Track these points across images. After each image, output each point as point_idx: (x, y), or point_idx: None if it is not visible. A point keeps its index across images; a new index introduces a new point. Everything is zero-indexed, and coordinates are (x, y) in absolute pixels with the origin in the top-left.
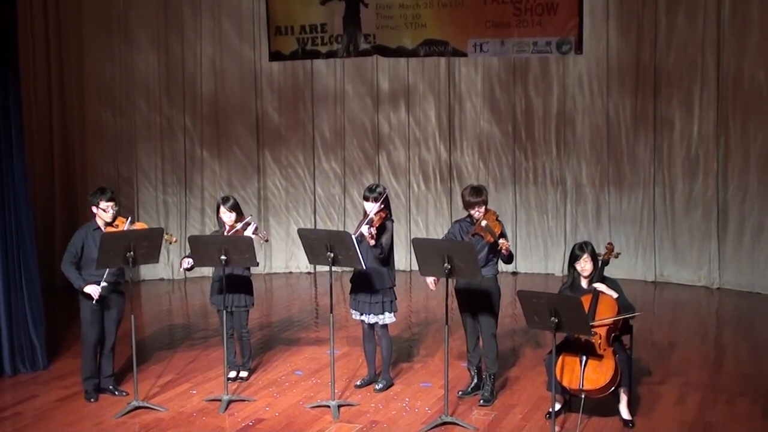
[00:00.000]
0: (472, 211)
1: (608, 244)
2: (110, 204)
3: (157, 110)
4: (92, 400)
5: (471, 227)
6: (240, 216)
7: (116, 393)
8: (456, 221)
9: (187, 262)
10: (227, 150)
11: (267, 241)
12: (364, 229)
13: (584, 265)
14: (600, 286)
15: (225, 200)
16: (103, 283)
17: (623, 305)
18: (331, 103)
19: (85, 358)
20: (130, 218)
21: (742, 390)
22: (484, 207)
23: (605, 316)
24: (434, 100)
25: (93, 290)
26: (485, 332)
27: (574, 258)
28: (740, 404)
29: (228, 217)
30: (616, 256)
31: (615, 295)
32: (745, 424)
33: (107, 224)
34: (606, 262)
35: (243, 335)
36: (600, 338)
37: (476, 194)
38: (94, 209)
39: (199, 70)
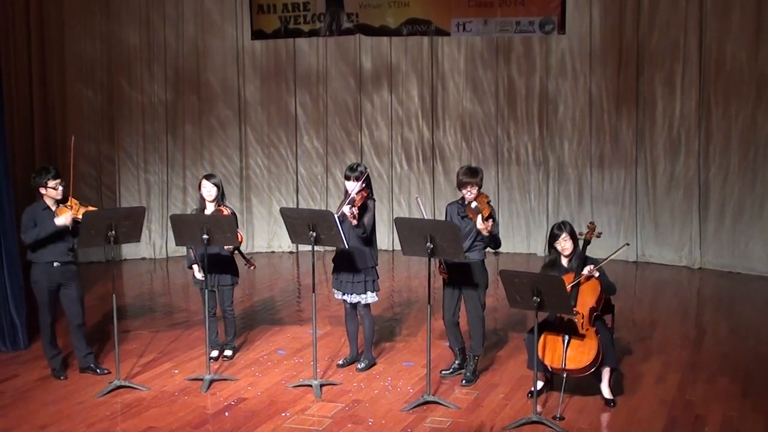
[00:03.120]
0: (464, 191)
1: (590, 223)
2: (58, 181)
3: (138, 88)
4: (61, 377)
5: (462, 209)
6: (222, 198)
7: (98, 371)
8: (450, 203)
9: (199, 273)
10: (209, 128)
11: (254, 267)
12: (346, 209)
13: (564, 245)
14: (586, 270)
15: (209, 176)
16: (56, 263)
17: (605, 284)
18: (313, 82)
19: (43, 339)
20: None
21: (722, 369)
22: (477, 189)
23: (588, 298)
24: (417, 80)
25: (64, 220)
26: (472, 315)
27: (553, 237)
28: (720, 383)
29: (208, 191)
30: (598, 236)
31: (596, 273)
32: (725, 402)
33: (58, 203)
34: (588, 242)
35: (227, 313)
36: (582, 317)
37: (470, 175)
38: (42, 190)
39: (181, 47)
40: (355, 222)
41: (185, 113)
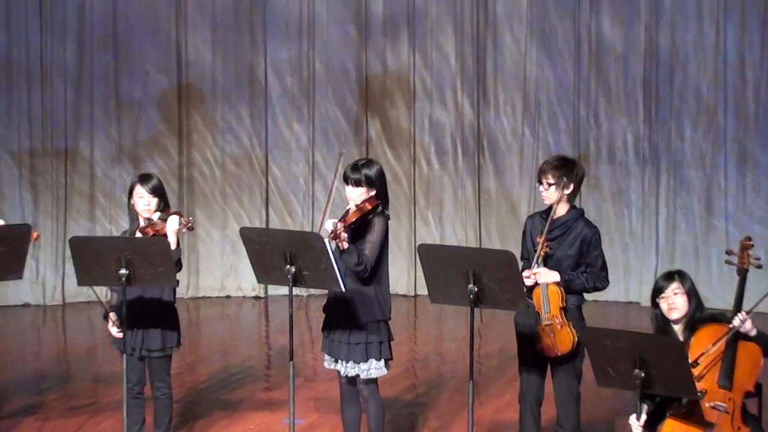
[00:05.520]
0: (540, 188)
1: (744, 240)
2: None
3: (22, 41)
4: None
5: (545, 223)
6: (166, 207)
7: None
8: (530, 216)
9: (114, 326)
10: (131, 105)
11: (191, 228)
12: (329, 224)
13: (672, 302)
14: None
15: (144, 179)
16: None
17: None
18: (294, 34)
19: None
20: None
21: None
22: (555, 188)
23: (745, 373)
24: (454, 31)
25: None
26: (562, 390)
27: (657, 291)
28: None
29: (145, 204)
30: (759, 265)
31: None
32: None
33: None
34: (744, 273)
35: (160, 393)
36: (733, 405)
37: (557, 165)
38: None
39: None
40: (342, 245)
41: (94, 81)
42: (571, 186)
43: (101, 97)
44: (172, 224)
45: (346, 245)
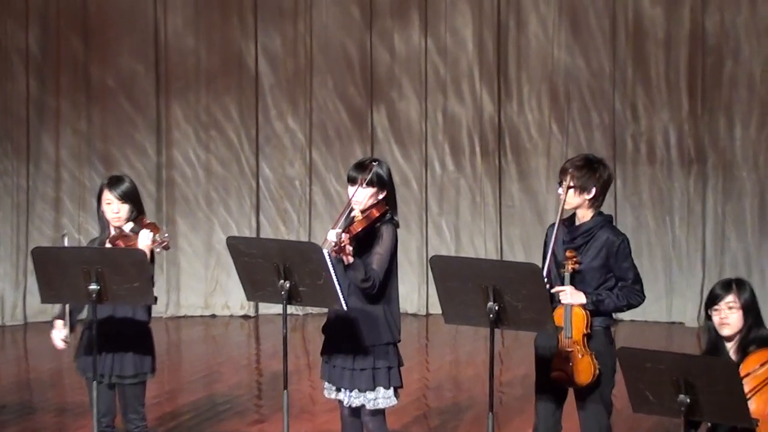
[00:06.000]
0: (559, 190)
1: None
2: None
3: None
4: None
5: (569, 234)
6: (140, 215)
7: None
8: (551, 225)
9: (63, 333)
10: (103, 97)
11: (167, 247)
12: (332, 234)
13: (725, 317)
14: None
15: (113, 182)
16: None
17: None
18: (288, 14)
19: None
20: None
21: None
22: (574, 192)
23: None
24: (472, 10)
25: None
26: (588, 422)
27: (711, 301)
28: None
29: (114, 211)
30: None
31: None
32: None
33: None
34: None
35: (134, 426)
36: None
37: (579, 165)
38: None
39: None
40: (347, 259)
41: (60, 69)
42: (594, 190)
43: (68, 87)
44: (144, 240)
45: (351, 259)
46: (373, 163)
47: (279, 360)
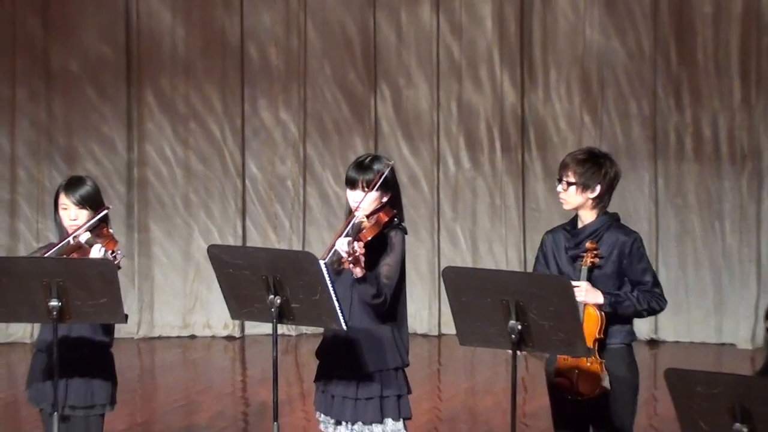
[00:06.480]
0: (558, 188)
1: None
2: None
3: None
4: None
5: (574, 242)
6: (102, 222)
7: None
8: (548, 231)
9: None
10: (65, 85)
11: (117, 268)
12: (342, 243)
13: None
14: None
15: (71, 185)
16: None
17: None
18: None
19: None
20: None
21: None
22: (575, 189)
23: None
24: None
25: None
26: None
27: None
28: None
29: (71, 218)
30: None
31: None
32: None
33: None
34: None
35: None
36: None
37: (581, 160)
38: None
39: None
40: (359, 271)
41: (16, 52)
42: (598, 188)
43: (25, 73)
44: (94, 256)
45: (361, 271)
46: (375, 163)
47: (268, 387)
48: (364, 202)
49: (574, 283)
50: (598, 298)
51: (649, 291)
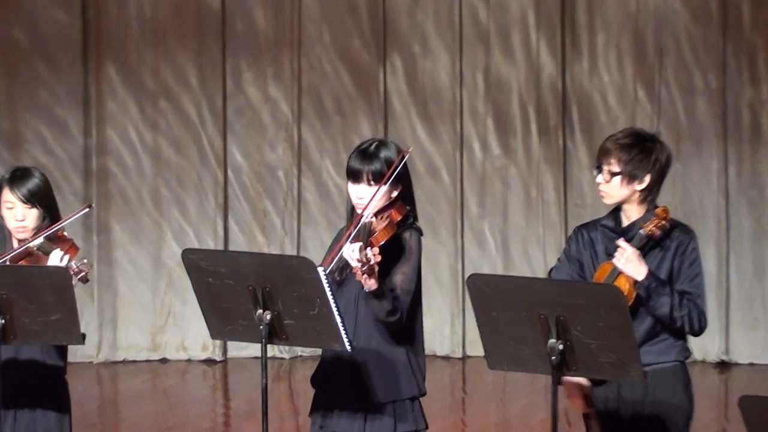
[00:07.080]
0: (597, 178)
1: None
2: None
3: None
4: None
5: (613, 240)
6: (53, 217)
7: None
8: (580, 226)
9: None
10: (10, 58)
11: (85, 280)
12: (350, 249)
13: None
14: None
15: (16, 178)
16: None
17: None
18: None
19: None
20: None
21: None
22: (620, 180)
23: None
24: None
25: None
26: None
27: None
28: None
29: (17, 218)
30: None
31: None
32: None
33: None
34: None
35: None
36: None
37: (626, 144)
38: None
39: None
40: (373, 283)
41: None
42: (647, 178)
43: None
44: (54, 262)
45: (374, 283)
46: (383, 150)
47: (256, 421)
48: (366, 199)
49: (620, 243)
50: (640, 272)
51: (693, 302)
